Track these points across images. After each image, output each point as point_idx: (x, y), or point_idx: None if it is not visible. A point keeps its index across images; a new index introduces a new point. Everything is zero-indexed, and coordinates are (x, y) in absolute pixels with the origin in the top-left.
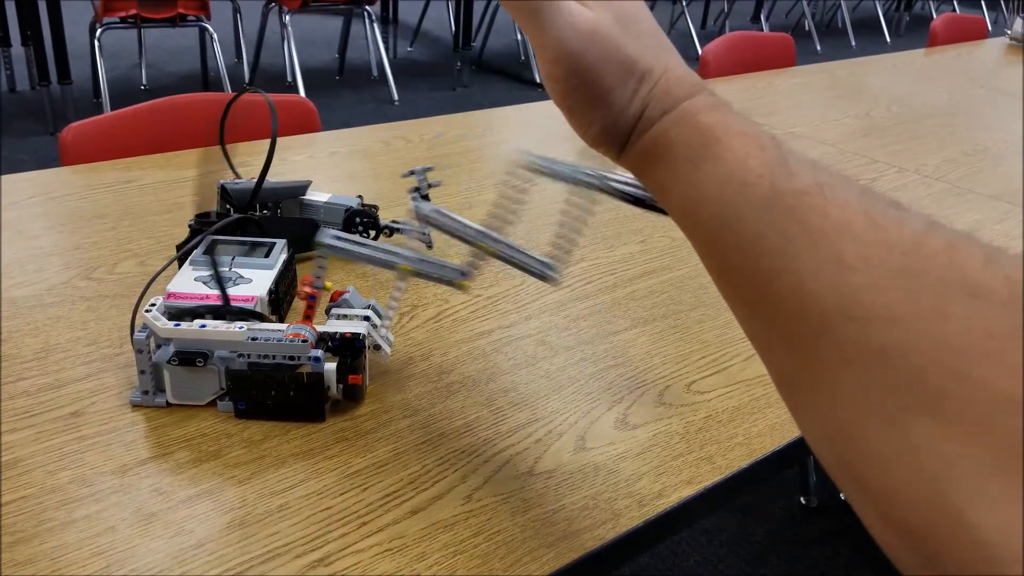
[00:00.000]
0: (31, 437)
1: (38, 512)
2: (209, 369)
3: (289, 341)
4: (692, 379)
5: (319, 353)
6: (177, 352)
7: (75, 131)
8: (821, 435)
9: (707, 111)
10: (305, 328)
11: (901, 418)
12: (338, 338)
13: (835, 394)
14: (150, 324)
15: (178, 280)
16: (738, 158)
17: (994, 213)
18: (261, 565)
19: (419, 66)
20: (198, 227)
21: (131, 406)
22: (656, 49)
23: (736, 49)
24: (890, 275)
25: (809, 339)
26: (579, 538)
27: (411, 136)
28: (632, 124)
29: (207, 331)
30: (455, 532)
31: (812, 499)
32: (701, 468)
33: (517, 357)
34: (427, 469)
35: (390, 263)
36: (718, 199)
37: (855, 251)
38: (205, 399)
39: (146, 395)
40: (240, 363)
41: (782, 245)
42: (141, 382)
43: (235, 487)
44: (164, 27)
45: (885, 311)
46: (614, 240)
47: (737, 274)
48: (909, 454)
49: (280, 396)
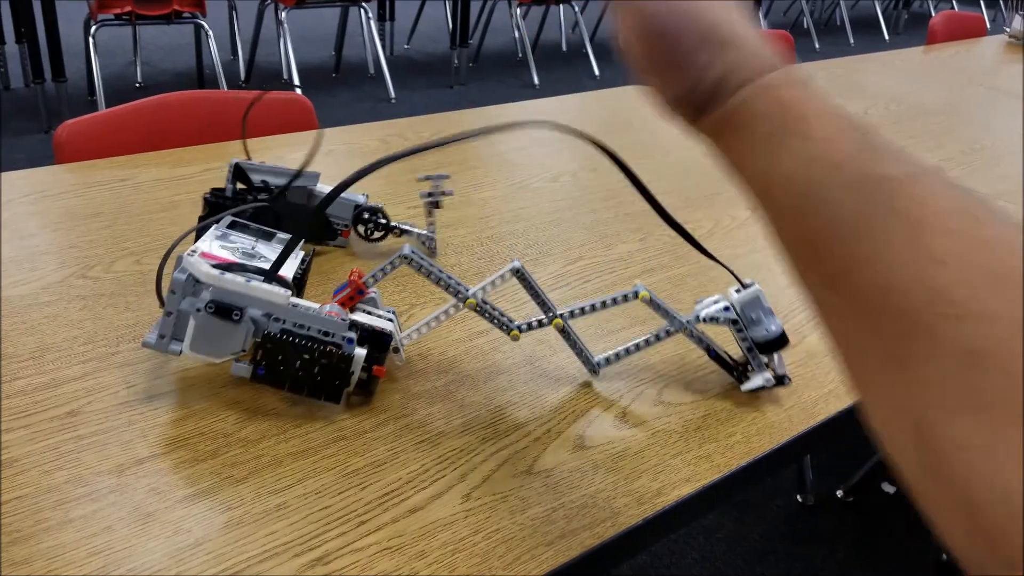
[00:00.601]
0: (27, 437)
1: (34, 512)
2: (239, 326)
3: (328, 316)
4: (691, 378)
5: (353, 335)
6: (214, 300)
7: (70, 129)
8: (894, 421)
9: (789, 86)
10: (341, 310)
11: (991, 420)
12: (367, 330)
13: (917, 386)
14: (193, 267)
15: (204, 246)
16: (825, 137)
17: None
18: (259, 564)
19: (416, 64)
20: (215, 200)
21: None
22: (738, 17)
23: None
24: (981, 273)
25: (892, 326)
26: (578, 536)
27: (407, 134)
28: (711, 91)
29: (251, 286)
30: (454, 531)
31: (809, 497)
32: (700, 467)
33: (515, 356)
34: (425, 468)
35: (458, 293)
36: (803, 178)
37: (945, 245)
38: (223, 357)
39: (162, 339)
40: (275, 326)
41: (870, 231)
42: (162, 324)
43: (232, 486)
44: (159, 24)
45: (976, 310)
46: (613, 238)
47: (817, 253)
48: (998, 456)
49: (305, 369)
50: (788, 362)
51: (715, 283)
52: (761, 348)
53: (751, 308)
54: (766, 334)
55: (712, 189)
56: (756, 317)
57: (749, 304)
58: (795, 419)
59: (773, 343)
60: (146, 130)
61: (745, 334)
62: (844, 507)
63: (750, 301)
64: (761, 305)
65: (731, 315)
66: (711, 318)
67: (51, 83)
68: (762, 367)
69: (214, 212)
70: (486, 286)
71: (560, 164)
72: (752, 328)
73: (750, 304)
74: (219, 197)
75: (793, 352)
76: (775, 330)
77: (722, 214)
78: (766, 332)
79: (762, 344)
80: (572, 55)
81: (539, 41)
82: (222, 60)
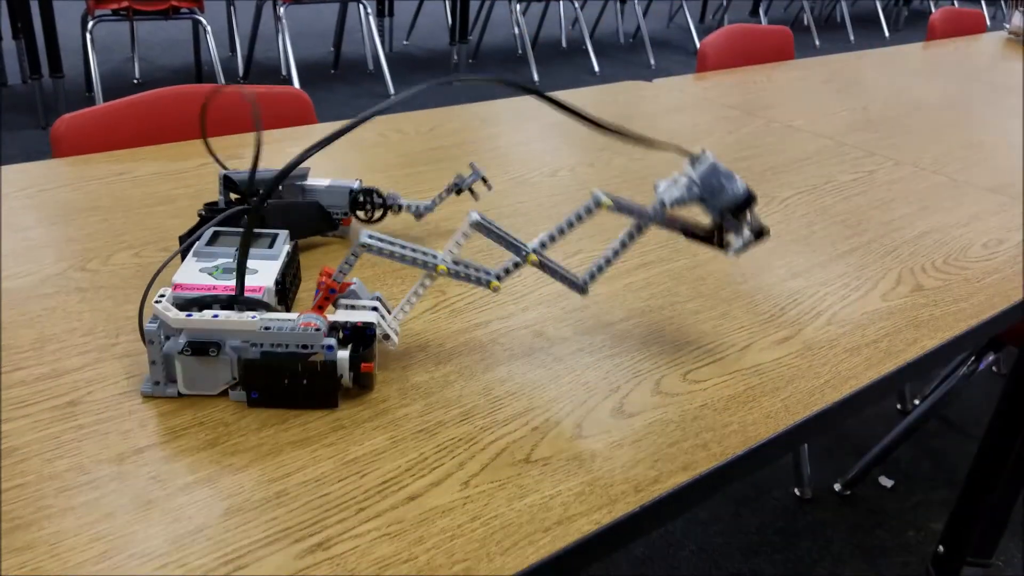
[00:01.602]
0: (28, 426)
1: (36, 499)
2: (221, 359)
3: (302, 330)
4: (688, 368)
5: (332, 341)
6: (189, 342)
7: (67, 123)
8: None
9: None
10: (317, 317)
11: None
12: (349, 327)
13: None
14: (161, 315)
15: (183, 271)
16: None
17: (991, 206)
18: (260, 549)
19: (415, 60)
20: (210, 215)
21: (135, 395)
22: None
23: (734, 42)
24: None
25: None
26: (575, 523)
27: (406, 128)
28: None
29: (220, 320)
30: (452, 517)
31: (806, 490)
32: (697, 455)
33: (514, 348)
34: (424, 457)
35: (427, 263)
36: None
37: None
38: (217, 389)
39: (157, 385)
40: (253, 352)
41: None
42: (152, 372)
43: (233, 475)
44: (157, 20)
45: None
46: (611, 232)
47: None
48: None
49: (293, 384)
50: (784, 354)
51: (714, 276)
52: (733, 212)
53: (712, 177)
54: (734, 196)
55: None
56: (718, 184)
57: (709, 174)
58: (792, 408)
59: (744, 203)
60: (143, 125)
61: (716, 203)
62: (841, 500)
63: (709, 170)
64: (720, 171)
65: (697, 192)
66: (678, 201)
67: (48, 79)
68: (739, 228)
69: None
70: (451, 248)
71: (558, 159)
72: (718, 196)
73: (710, 173)
74: (213, 212)
75: (789, 344)
76: (741, 189)
77: None
78: (733, 195)
79: (734, 208)
80: (572, 51)
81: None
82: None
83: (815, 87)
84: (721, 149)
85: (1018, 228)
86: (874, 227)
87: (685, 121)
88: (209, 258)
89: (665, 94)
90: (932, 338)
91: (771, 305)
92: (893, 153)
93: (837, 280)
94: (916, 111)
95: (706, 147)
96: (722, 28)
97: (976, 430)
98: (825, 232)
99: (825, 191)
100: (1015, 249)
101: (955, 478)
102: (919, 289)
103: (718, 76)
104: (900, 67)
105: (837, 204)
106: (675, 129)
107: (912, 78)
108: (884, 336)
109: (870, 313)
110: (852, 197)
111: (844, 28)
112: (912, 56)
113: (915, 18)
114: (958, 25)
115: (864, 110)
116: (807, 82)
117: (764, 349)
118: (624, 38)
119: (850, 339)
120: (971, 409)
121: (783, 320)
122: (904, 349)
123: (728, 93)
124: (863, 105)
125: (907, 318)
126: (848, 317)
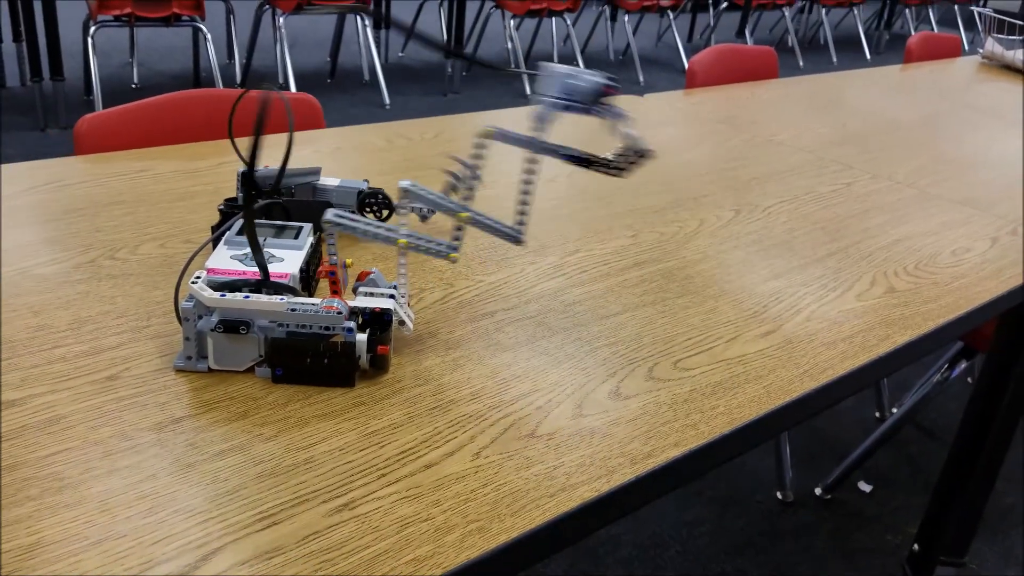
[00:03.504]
0: (71, 397)
1: (83, 462)
2: (250, 337)
3: (325, 313)
4: (678, 357)
5: (352, 324)
6: (221, 320)
7: (89, 122)
8: None
9: None
10: (338, 302)
11: None
12: (368, 312)
13: None
14: (197, 294)
15: (215, 257)
16: None
17: (959, 216)
18: (292, 508)
19: (410, 71)
20: (228, 210)
21: (170, 370)
22: None
23: (722, 61)
24: None
25: None
26: (577, 490)
27: (412, 135)
28: None
29: (250, 301)
30: (466, 483)
31: (788, 494)
32: (687, 433)
33: (518, 336)
34: (438, 430)
35: (389, 238)
36: None
37: None
38: (244, 365)
39: (189, 360)
40: (280, 332)
41: None
42: (185, 348)
43: (263, 443)
44: (158, 26)
45: None
46: (606, 234)
47: None
48: None
49: (315, 363)
50: (766, 346)
51: (702, 275)
52: (595, 99)
53: (562, 81)
54: (593, 86)
55: (699, 191)
56: (572, 84)
57: (560, 81)
58: (773, 395)
59: (605, 88)
60: (159, 126)
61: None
62: (822, 504)
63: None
64: (563, 73)
65: (564, 102)
66: (543, 119)
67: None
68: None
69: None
70: (403, 222)
71: (556, 165)
72: (581, 92)
73: (559, 80)
74: (232, 207)
75: (771, 338)
76: (594, 80)
77: (708, 214)
78: (591, 86)
79: (599, 95)
80: None
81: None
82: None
83: (797, 104)
84: (710, 159)
85: (983, 237)
86: (851, 234)
87: (676, 134)
88: (239, 246)
89: (657, 109)
90: (902, 335)
91: (754, 303)
92: (870, 167)
93: (815, 281)
94: (892, 128)
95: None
96: (710, 47)
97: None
98: (805, 238)
99: (806, 200)
100: (980, 256)
101: (931, 483)
102: (892, 291)
103: (706, 93)
104: (878, 87)
105: (816, 212)
106: (665, 142)
107: (889, 98)
108: (858, 332)
109: (846, 312)
110: (831, 206)
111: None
112: (890, 77)
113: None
114: (935, 49)
115: (843, 127)
116: (790, 99)
117: (748, 341)
118: (614, 55)
119: (827, 334)
120: (946, 416)
121: (765, 316)
122: (877, 344)
123: (716, 109)
124: (843, 122)
125: (880, 316)
126: (825, 315)
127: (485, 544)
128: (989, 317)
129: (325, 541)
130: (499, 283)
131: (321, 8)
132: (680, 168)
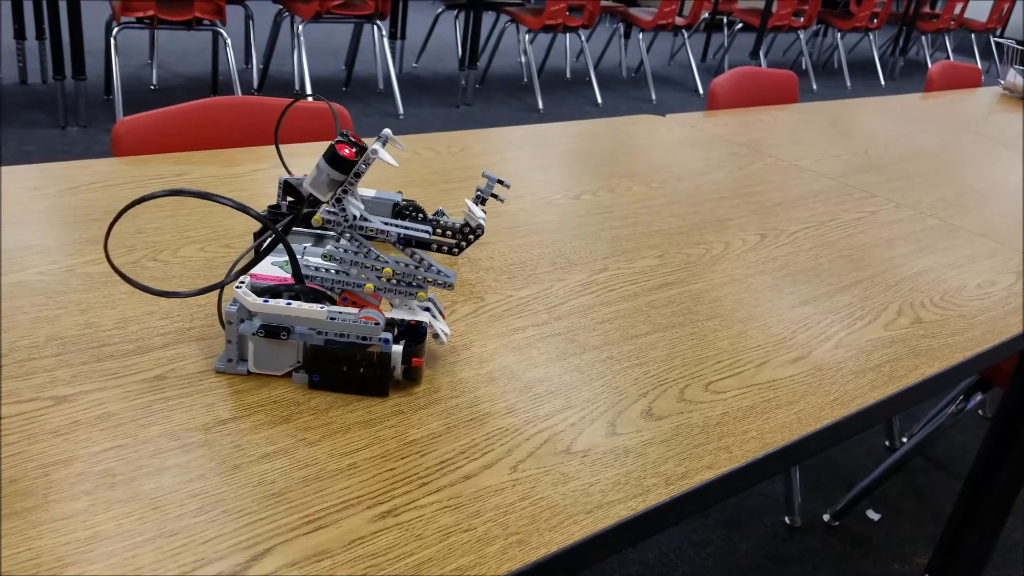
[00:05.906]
0: (121, 395)
1: (134, 459)
2: (289, 343)
3: (363, 323)
4: (709, 380)
5: (389, 335)
6: (263, 325)
7: (127, 125)
8: None
9: None
10: (376, 313)
11: None
12: (404, 324)
13: None
14: (241, 299)
15: (258, 264)
16: None
17: (984, 249)
18: (338, 512)
19: (423, 82)
20: (272, 218)
21: (214, 372)
22: None
23: (743, 83)
24: None
25: None
26: (614, 508)
27: (438, 147)
28: None
29: (292, 308)
30: (504, 496)
31: (796, 519)
32: (720, 456)
33: (550, 352)
34: (475, 442)
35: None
36: None
37: None
38: (282, 370)
39: (230, 363)
40: (318, 339)
41: None
42: (227, 351)
43: (307, 447)
44: (179, 29)
45: None
46: (633, 253)
47: None
48: None
49: (351, 371)
50: (796, 372)
51: (730, 298)
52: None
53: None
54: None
55: (725, 214)
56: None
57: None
58: (804, 421)
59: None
60: (195, 130)
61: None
62: (829, 530)
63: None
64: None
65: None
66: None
67: (71, 80)
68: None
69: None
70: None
71: (581, 184)
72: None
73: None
74: (275, 214)
75: (801, 364)
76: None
77: (733, 238)
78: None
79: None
80: (575, 82)
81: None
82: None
83: (819, 130)
84: (733, 182)
85: (1009, 272)
86: (876, 263)
87: (697, 156)
88: (280, 253)
89: (678, 129)
90: (931, 366)
91: (783, 328)
92: (894, 196)
93: (843, 309)
94: (915, 157)
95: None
96: (733, 70)
97: (960, 469)
98: (831, 265)
99: (831, 227)
100: (1006, 291)
101: (938, 514)
102: (919, 321)
103: (729, 115)
104: (900, 115)
105: (842, 240)
106: (687, 163)
107: (911, 126)
108: (887, 362)
109: (874, 340)
110: (855, 234)
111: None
112: (911, 105)
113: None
114: (954, 78)
115: (867, 154)
116: (812, 124)
117: (778, 367)
118: (627, 72)
119: (856, 362)
120: (956, 448)
121: (794, 342)
122: (905, 375)
123: (738, 131)
124: (865, 149)
125: (908, 347)
126: (853, 343)
127: (525, 557)
128: (1014, 352)
129: (370, 547)
130: (529, 299)
131: (339, 17)
132: (704, 190)
